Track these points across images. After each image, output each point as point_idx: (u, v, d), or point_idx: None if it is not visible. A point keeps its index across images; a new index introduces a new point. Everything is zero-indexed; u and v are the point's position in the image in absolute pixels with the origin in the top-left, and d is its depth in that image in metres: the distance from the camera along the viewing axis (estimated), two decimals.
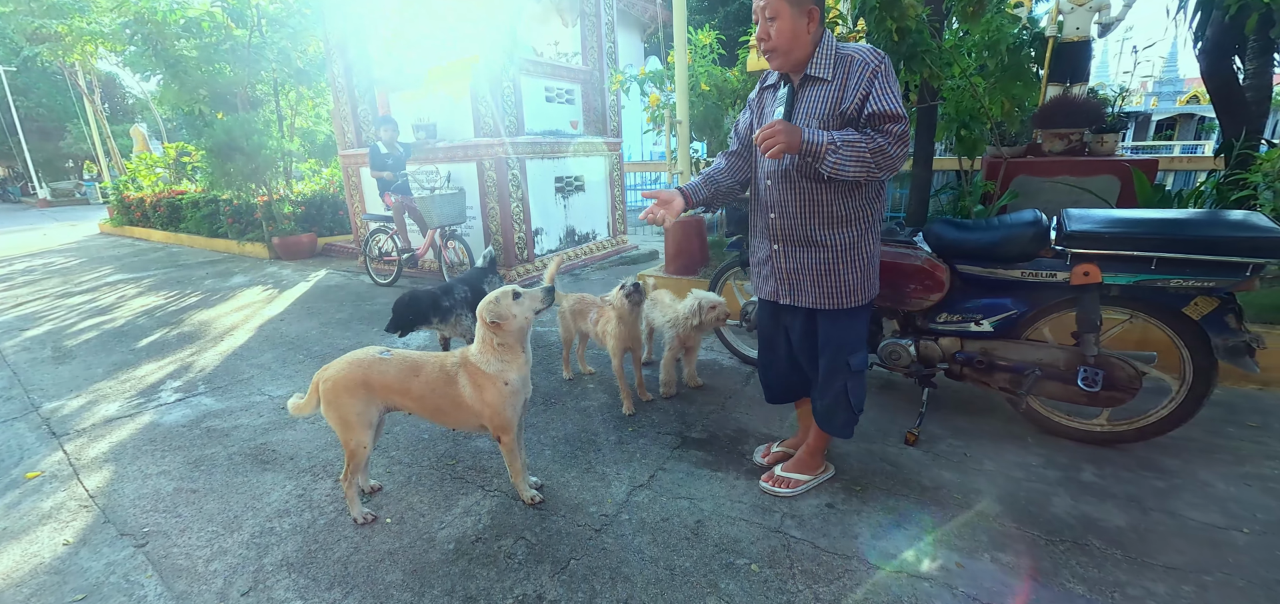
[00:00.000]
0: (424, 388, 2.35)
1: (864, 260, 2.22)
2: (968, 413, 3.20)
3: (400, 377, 2.34)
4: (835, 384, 2.35)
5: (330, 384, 2.30)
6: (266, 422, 3.50)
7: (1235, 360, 2.40)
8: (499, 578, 2.13)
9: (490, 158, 6.16)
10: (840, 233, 2.18)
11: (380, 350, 2.39)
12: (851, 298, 2.24)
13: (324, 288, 6.96)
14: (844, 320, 2.29)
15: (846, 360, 2.31)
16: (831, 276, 2.22)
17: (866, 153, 1.91)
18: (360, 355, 2.37)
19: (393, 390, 2.35)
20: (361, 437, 2.34)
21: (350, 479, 2.43)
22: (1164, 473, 2.61)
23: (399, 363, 2.37)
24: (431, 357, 2.42)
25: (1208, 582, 2.00)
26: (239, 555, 2.34)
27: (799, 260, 2.26)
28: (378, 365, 2.35)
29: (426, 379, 2.36)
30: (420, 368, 2.37)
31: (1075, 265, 2.47)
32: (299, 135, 11.10)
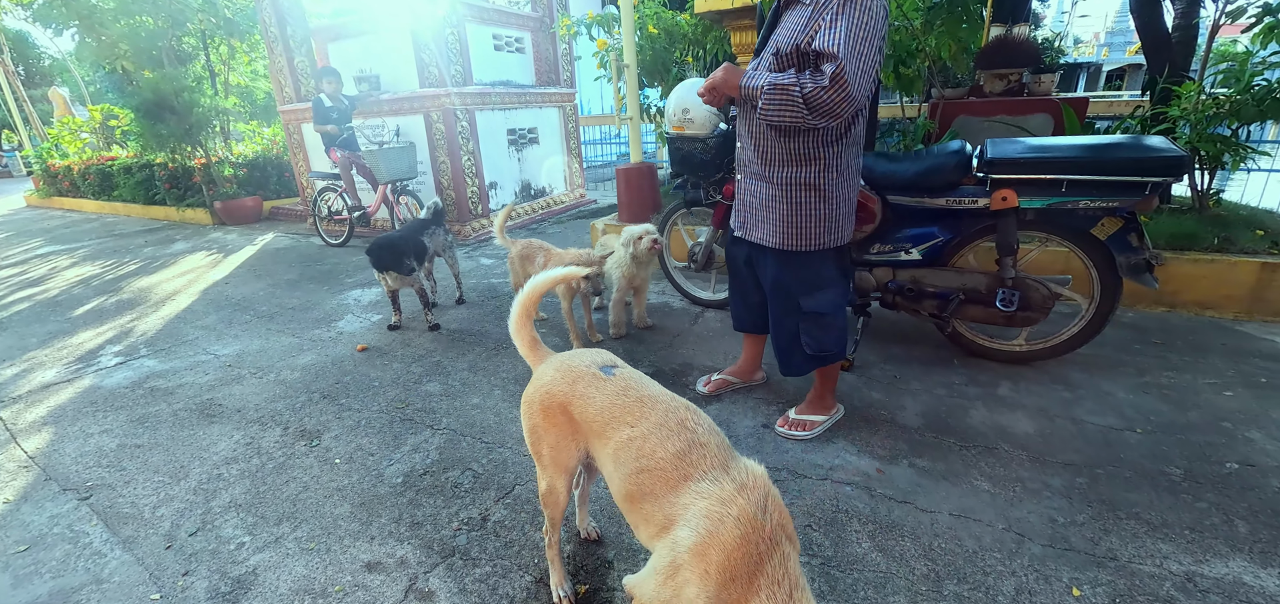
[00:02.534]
0: (640, 450, 1.32)
1: (817, 204, 2.09)
2: (901, 342, 3.38)
3: (613, 410, 1.39)
4: (787, 325, 2.35)
5: (526, 397, 1.59)
6: (212, 379, 3.45)
7: (1137, 277, 2.59)
8: (445, 504, 2.21)
9: (437, 109, 6.02)
10: (791, 172, 2.09)
11: (603, 366, 1.50)
12: (801, 241, 2.15)
13: (272, 251, 6.76)
14: (795, 262, 2.22)
15: (798, 302, 2.27)
16: (780, 216, 2.15)
17: (799, 99, 1.82)
18: (573, 362, 1.53)
19: (594, 428, 1.43)
20: (554, 480, 1.58)
21: (549, 538, 1.72)
22: (1071, 386, 2.83)
23: (622, 389, 1.42)
24: (694, 419, 1.35)
25: (1099, 475, 2.21)
26: (186, 501, 2.35)
27: (753, 194, 2.25)
28: (588, 385, 1.46)
29: (652, 441, 1.31)
30: (651, 406, 1.37)
31: (995, 191, 2.61)
32: (236, 94, 10.55)
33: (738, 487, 1.18)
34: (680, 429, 1.30)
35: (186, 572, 1.99)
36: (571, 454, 1.53)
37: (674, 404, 1.38)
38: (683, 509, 1.20)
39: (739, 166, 2.30)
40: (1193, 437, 2.40)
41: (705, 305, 4.05)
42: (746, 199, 2.29)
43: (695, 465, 1.24)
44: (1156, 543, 1.88)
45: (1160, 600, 1.68)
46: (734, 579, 1.09)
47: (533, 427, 1.56)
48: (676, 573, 1.15)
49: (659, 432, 1.31)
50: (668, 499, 1.24)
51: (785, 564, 1.11)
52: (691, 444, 1.28)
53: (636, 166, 4.78)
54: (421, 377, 3.28)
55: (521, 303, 1.68)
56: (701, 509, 1.17)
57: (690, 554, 1.13)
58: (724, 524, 1.12)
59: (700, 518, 1.15)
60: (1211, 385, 2.78)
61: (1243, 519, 1.96)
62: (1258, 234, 3.73)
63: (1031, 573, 1.78)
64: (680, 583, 1.14)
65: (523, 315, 1.68)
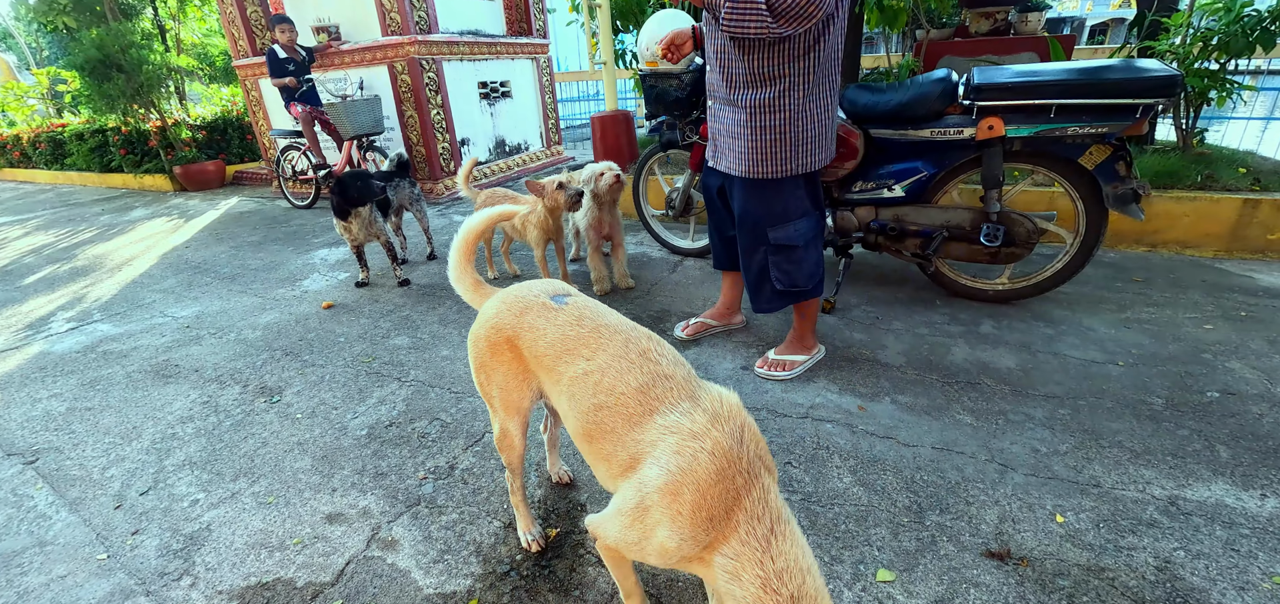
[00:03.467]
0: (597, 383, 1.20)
1: (783, 128, 1.99)
2: (883, 285, 3.32)
3: (566, 342, 1.27)
4: (756, 258, 2.27)
5: (472, 335, 1.45)
6: (169, 341, 3.29)
7: (1123, 208, 2.52)
8: (411, 454, 2.11)
9: (402, 59, 5.74)
10: (756, 94, 1.98)
11: (554, 295, 1.37)
12: (767, 167, 2.05)
13: (235, 214, 6.50)
14: (762, 191, 2.13)
15: (765, 233, 2.18)
16: (745, 141, 2.05)
17: (762, 6, 1.70)
18: (521, 293, 1.40)
19: (545, 363, 1.31)
20: (506, 424, 1.48)
21: (511, 484, 1.64)
22: (1053, 322, 2.79)
23: (576, 319, 1.29)
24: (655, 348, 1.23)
25: (1081, 405, 2.17)
26: (138, 461, 2.23)
27: (721, 121, 2.14)
28: (538, 316, 1.33)
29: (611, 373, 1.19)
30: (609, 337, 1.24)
31: (981, 120, 2.51)
32: (191, 55, 10.02)
33: (710, 418, 1.08)
34: (642, 360, 1.18)
35: (136, 530, 1.88)
36: (523, 394, 1.41)
37: (634, 333, 1.25)
38: (649, 446, 1.09)
39: (709, 93, 2.18)
40: (1174, 368, 2.38)
41: (684, 254, 3.95)
42: (716, 126, 2.18)
43: (660, 398, 1.13)
44: (1139, 469, 1.85)
45: (1144, 524, 1.64)
46: (711, 519, 1.00)
47: (480, 365, 1.43)
48: (645, 514, 1.05)
49: (618, 364, 1.18)
50: (630, 436, 1.12)
51: (765, 498, 1.02)
52: (655, 376, 1.16)
53: (612, 114, 4.61)
54: (389, 331, 3.15)
55: (460, 243, 1.53)
56: (671, 445, 1.06)
57: (660, 494, 1.03)
58: (697, 460, 1.02)
59: (670, 454, 1.05)
60: (1192, 319, 2.76)
61: (1224, 445, 1.94)
62: (1240, 172, 3.71)
63: (1015, 501, 1.74)
64: (650, 525, 1.05)
65: (463, 257, 1.55)
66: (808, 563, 0.99)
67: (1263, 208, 3.41)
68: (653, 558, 1.08)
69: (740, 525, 1.00)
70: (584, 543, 1.69)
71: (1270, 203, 3.40)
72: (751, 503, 1.01)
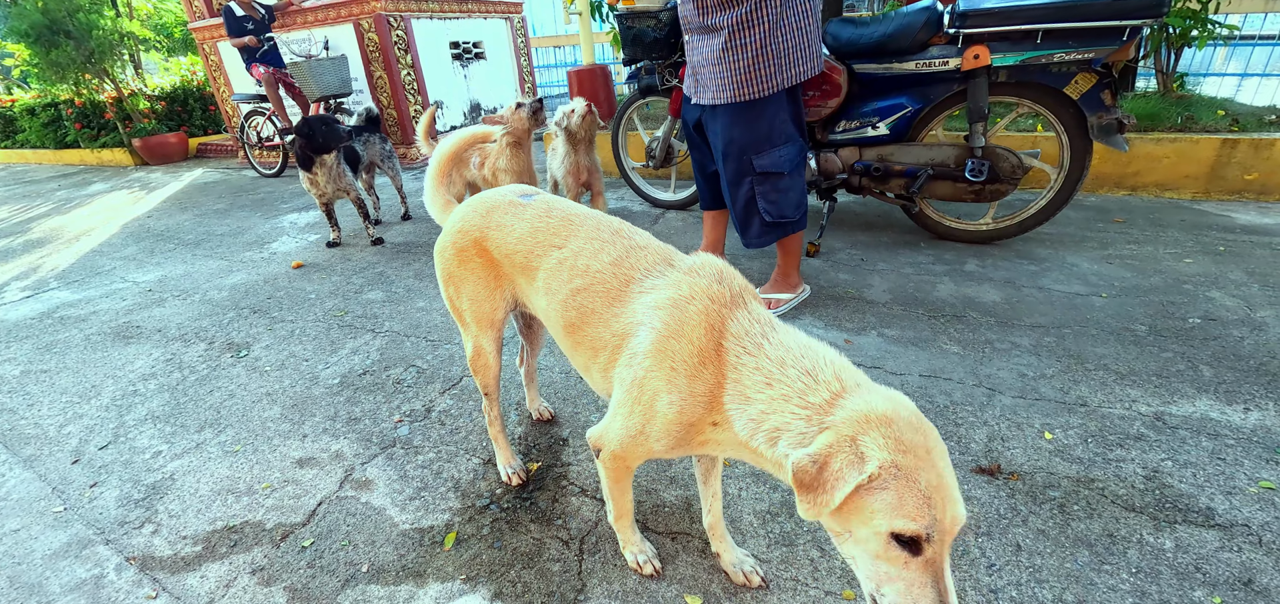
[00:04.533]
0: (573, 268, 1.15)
1: (764, 42, 1.94)
2: (866, 229, 3.28)
3: (536, 235, 1.22)
4: (742, 189, 2.20)
5: (438, 246, 1.37)
6: (130, 304, 3.14)
7: (1108, 138, 2.50)
8: (386, 400, 2.03)
9: (367, 16, 5.51)
10: (731, 14, 1.93)
11: (521, 194, 1.31)
12: (751, 87, 2.00)
13: (200, 185, 6.26)
14: (746, 115, 2.07)
15: (751, 160, 2.12)
16: (727, 64, 1.99)
17: None
18: (487, 196, 1.34)
19: (516, 260, 1.24)
20: (479, 339, 1.40)
21: (489, 415, 1.57)
22: (1037, 260, 2.78)
23: (545, 211, 1.24)
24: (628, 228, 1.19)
25: (1066, 333, 2.17)
26: (97, 418, 2.12)
27: (699, 51, 2.08)
28: (505, 214, 1.27)
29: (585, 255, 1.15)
30: (579, 223, 1.20)
31: (966, 48, 2.46)
32: (146, 24, 9.58)
33: (687, 271, 1.04)
34: (615, 237, 1.14)
35: (95, 483, 1.78)
36: (495, 304, 1.34)
37: (604, 218, 1.21)
38: (631, 317, 1.04)
39: (684, 26, 2.11)
40: (1156, 298, 2.38)
41: (666, 207, 3.87)
42: (695, 59, 2.12)
43: (635, 266, 1.08)
44: (1125, 389, 1.84)
45: (1131, 438, 1.64)
46: (704, 362, 0.94)
47: (448, 276, 1.36)
48: (643, 388, 0.99)
49: (591, 244, 1.14)
50: (612, 313, 1.07)
51: (751, 313, 0.96)
52: (628, 248, 1.11)
53: (589, 68, 4.48)
54: (363, 287, 3.04)
55: (437, 163, 1.49)
56: (650, 302, 1.01)
57: (651, 356, 0.97)
58: (679, 308, 0.97)
59: (651, 312, 1.00)
60: (1172, 254, 2.77)
61: (1207, 365, 1.94)
62: (1218, 114, 3.72)
63: (1003, 422, 1.72)
64: (649, 396, 0.98)
65: (439, 176, 1.50)
66: (807, 341, 0.93)
67: (1240, 147, 3.43)
68: (662, 442, 1.00)
69: (728, 353, 0.93)
70: (567, 475, 1.64)
71: (1248, 143, 3.41)
72: (737, 324, 0.95)
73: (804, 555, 1.34)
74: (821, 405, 0.83)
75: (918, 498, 0.72)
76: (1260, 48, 6.31)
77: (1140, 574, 1.26)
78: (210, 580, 1.40)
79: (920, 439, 0.76)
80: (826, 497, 0.75)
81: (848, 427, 0.77)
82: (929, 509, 0.72)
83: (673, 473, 1.60)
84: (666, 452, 1.03)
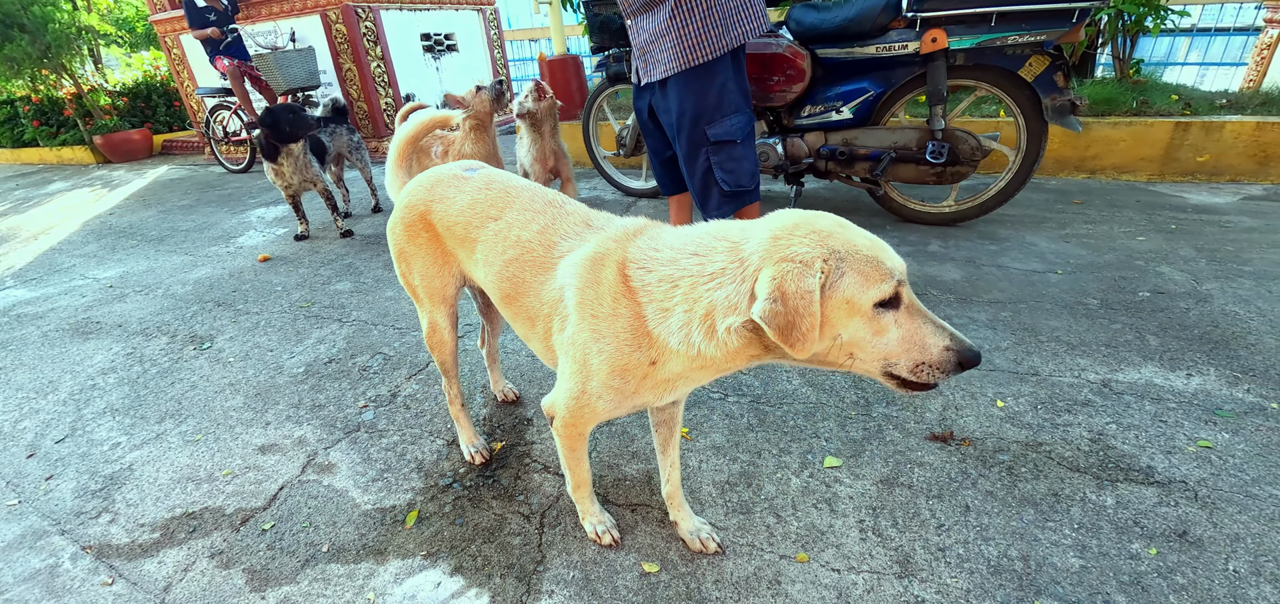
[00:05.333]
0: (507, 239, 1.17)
1: (707, 3, 1.97)
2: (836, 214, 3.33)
3: (475, 208, 1.23)
4: (698, 161, 2.20)
5: (389, 223, 1.39)
6: (90, 301, 3.07)
7: (1062, 119, 2.57)
8: (351, 387, 2.02)
9: (335, 7, 5.42)
10: None
11: (466, 168, 1.33)
12: (700, 51, 2.02)
13: (165, 182, 6.11)
14: (694, 83, 2.08)
15: (704, 131, 2.14)
16: (674, 33, 2.01)
17: None
18: (435, 171, 1.35)
19: (456, 232, 1.26)
20: (433, 315, 1.42)
21: (449, 394, 1.58)
22: (997, 240, 2.85)
23: (485, 184, 1.26)
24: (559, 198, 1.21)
25: (1022, 308, 2.23)
26: (54, 412, 2.08)
27: (645, 31, 2.09)
28: (449, 187, 1.29)
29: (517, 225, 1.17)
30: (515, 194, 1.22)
31: (924, 32, 2.51)
32: (107, 18, 9.31)
33: (599, 228, 1.07)
34: (546, 207, 1.16)
35: (51, 476, 1.75)
36: (445, 279, 1.35)
37: (540, 190, 1.22)
38: (555, 282, 1.05)
39: (625, 11, 2.11)
40: (1109, 273, 2.46)
41: (637, 195, 3.89)
42: (641, 39, 2.13)
43: (558, 232, 1.10)
44: (1075, 359, 1.91)
45: (1079, 404, 1.70)
46: (617, 300, 0.94)
47: (400, 252, 1.37)
48: (574, 345, 1.00)
49: (523, 215, 1.16)
50: (539, 281, 1.08)
51: (645, 237, 0.97)
52: (556, 216, 1.13)
53: (560, 58, 4.47)
54: (330, 278, 3.01)
55: (398, 147, 1.47)
56: (568, 264, 1.03)
57: (575, 313, 0.99)
58: (590, 261, 0.98)
59: (569, 272, 1.02)
60: (1126, 233, 2.86)
61: (1154, 335, 2.02)
62: (1172, 98, 3.84)
63: (958, 392, 1.77)
64: (582, 354, 0.99)
65: (400, 161, 1.48)
66: (687, 230, 0.94)
67: (1193, 130, 3.54)
68: (605, 399, 1.00)
69: (633, 278, 0.93)
70: (530, 453, 1.65)
71: (1200, 126, 3.53)
72: (634, 252, 0.95)
73: (760, 522, 1.37)
74: (730, 265, 0.83)
75: (869, 263, 0.76)
76: (1217, 39, 6.53)
77: (1082, 529, 1.31)
78: (167, 565, 1.39)
79: (828, 223, 0.80)
80: (808, 318, 0.75)
81: (771, 255, 0.78)
82: (883, 264, 0.77)
83: (635, 448, 1.63)
84: (614, 408, 1.03)
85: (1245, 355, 1.88)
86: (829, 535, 1.32)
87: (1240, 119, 3.49)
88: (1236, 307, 2.16)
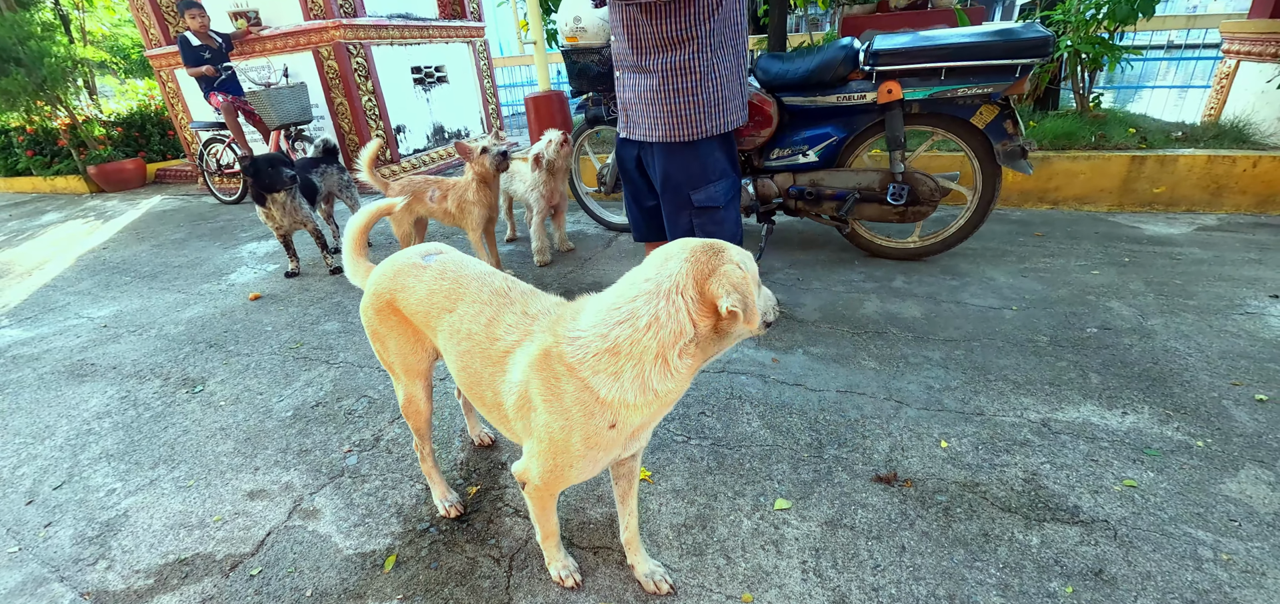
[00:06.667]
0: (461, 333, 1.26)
1: (697, 88, 2.06)
2: (806, 248, 3.47)
3: (432, 298, 1.32)
4: (680, 222, 2.33)
5: (361, 307, 1.49)
6: (85, 341, 3.16)
7: (1013, 163, 2.72)
8: (336, 430, 2.12)
9: (327, 44, 5.57)
10: (667, 57, 2.04)
11: (425, 255, 1.40)
12: (685, 129, 2.12)
13: (158, 213, 6.21)
14: (682, 154, 2.19)
15: (688, 196, 2.25)
16: (660, 106, 2.11)
17: None
18: (398, 257, 1.43)
19: (419, 318, 1.37)
20: (410, 388, 1.52)
21: (421, 452, 1.67)
22: (959, 275, 2.99)
23: (439, 274, 1.34)
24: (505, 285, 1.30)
25: (975, 346, 2.36)
26: (51, 458, 2.17)
27: (632, 89, 2.19)
28: (409, 276, 1.37)
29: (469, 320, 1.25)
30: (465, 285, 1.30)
31: (881, 84, 2.66)
32: (102, 47, 9.43)
33: (533, 320, 1.17)
34: (492, 298, 1.24)
35: (49, 523, 1.84)
36: (420, 355, 1.45)
37: (490, 278, 1.29)
38: (510, 378, 1.15)
39: (616, 63, 2.23)
40: (1061, 309, 2.59)
41: (618, 229, 4.02)
42: (627, 96, 2.23)
43: (503, 325, 1.18)
44: (1019, 398, 2.03)
45: (1017, 444, 1.81)
46: (567, 385, 1.05)
47: (373, 333, 1.47)
48: (547, 432, 1.10)
49: (473, 308, 1.24)
50: (491, 374, 1.18)
51: (569, 314, 1.10)
52: (499, 308, 1.21)
53: (545, 94, 4.62)
54: (319, 318, 3.12)
55: (352, 236, 1.55)
56: (522, 364, 1.12)
57: (542, 404, 1.09)
58: (540, 362, 1.08)
59: (526, 372, 1.11)
60: (1081, 266, 3.00)
61: (1096, 372, 2.14)
62: (1130, 132, 4.01)
63: (906, 432, 1.89)
64: (553, 439, 1.10)
65: (356, 248, 1.56)
66: (601, 295, 1.08)
67: (1148, 163, 3.71)
68: (578, 469, 1.13)
69: (569, 356, 1.05)
70: (503, 497, 1.75)
71: (1154, 159, 3.70)
72: (566, 331, 1.08)
73: (711, 563, 1.48)
74: (659, 308, 0.98)
75: (743, 254, 1.04)
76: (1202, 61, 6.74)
77: (1006, 569, 1.43)
78: None
79: (706, 238, 1.05)
80: (751, 294, 0.99)
81: (700, 272, 0.99)
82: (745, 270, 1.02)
83: (600, 492, 1.73)
84: (586, 473, 1.16)
85: (1179, 393, 2.00)
86: (773, 576, 1.43)
87: (1193, 152, 3.67)
88: (1177, 342, 2.29)
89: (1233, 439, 1.78)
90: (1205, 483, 1.63)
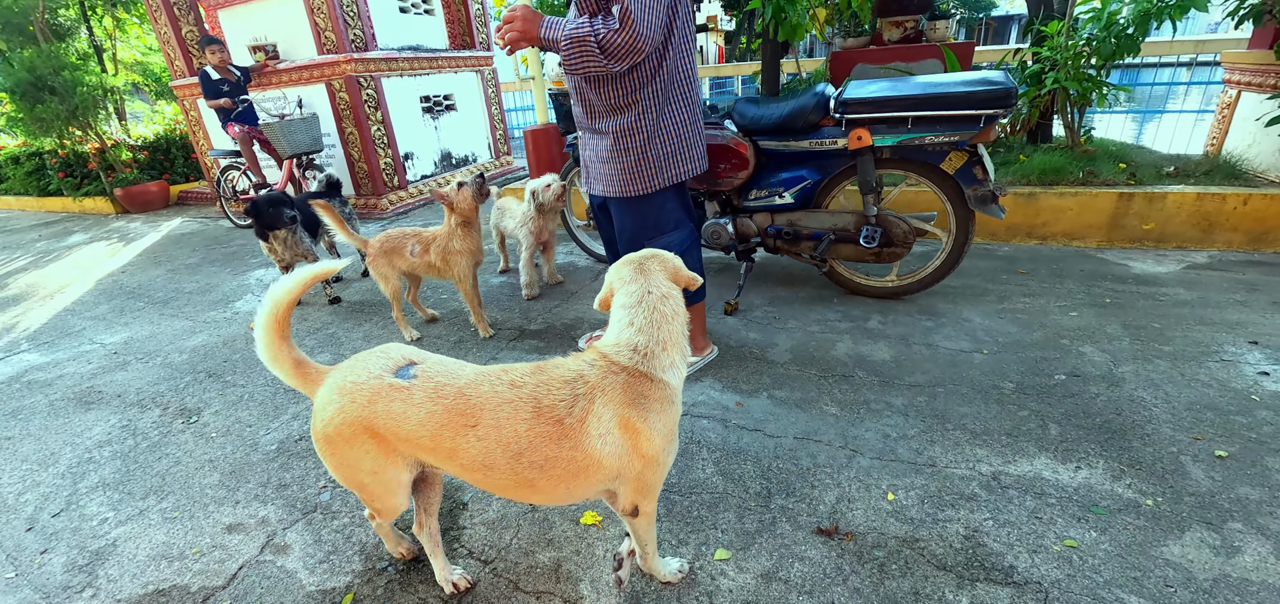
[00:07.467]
0: (500, 443, 1.25)
1: (646, 147, 2.13)
2: (786, 285, 3.52)
3: (438, 423, 1.25)
4: None
5: (317, 436, 1.34)
6: (95, 367, 3.33)
7: (984, 208, 2.76)
8: (315, 464, 2.23)
9: (338, 77, 5.79)
10: (616, 121, 2.14)
11: (397, 371, 1.30)
12: (636, 185, 2.19)
13: (176, 236, 6.47)
14: (637, 208, 2.27)
15: (645, 245, 2.30)
16: (613, 164, 2.20)
17: (594, 46, 1.84)
18: (358, 379, 1.29)
19: (423, 447, 1.29)
20: (386, 501, 1.41)
21: (377, 523, 1.63)
22: (935, 315, 3.02)
23: (433, 394, 1.26)
24: (518, 372, 1.31)
25: (938, 392, 2.39)
26: (53, 485, 2.31)
27: (590, 149, 2.31)
28: (391, 401, 1.26)
29: (506, 426, 1.24)
30: (475, 393, 1.27)
31: (851, 131, 2.73)
32: (135, 72, 9.86)
33: (581, 376, 1.31)
34: (514, 390, 1.27)
35: (45, 550, 1.97)
36: (399, 469, 1.34)
37: (494, 377, 1.29)
38: (591, 435, 1.26)
39: (577, 123, 2.35)
40: (1032, 353, 2.61)
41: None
42: (587, 155, 2.35)
43: (553, 399, 1.26)
44: (974, 448, 2.05)
45: (964, 498, 1.84)
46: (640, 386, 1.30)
47: (340, 463, 1.32)
48: (656, 448, 1.32)
49: (504, 411, 1.24)
50: (565, 448, 1.26)
51: (604, 339, 1.36)
52: (536, 391, 1.27)
53: (543, 128, 4.75)
54: (314, 349, 3.25)
55: (272, 316, 1.33)
56: (607, 418, 1.27)
57: (646, 429, 1.29)
58: (625, 388, 1.28)
59: (612, 419, 1.27)
60: (1061, 307, 3.01)
61: (1056, 423, 2.15)
62: (1119, 167, 4.01)
63: (855, 483, 1.93)
64: (659, 451, 1.33)
65: (275, 334, 1.34)
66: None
67: (1136, 200, 3.71)
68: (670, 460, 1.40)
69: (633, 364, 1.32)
70: (460, 538, 1.84)
71: (1143, 195, 3.70)
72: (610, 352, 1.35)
73: None
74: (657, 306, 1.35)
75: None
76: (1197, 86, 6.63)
77: None
78: None
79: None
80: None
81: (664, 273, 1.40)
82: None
83: (552, 535, 1.81)
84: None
85: (1137, 446, 2.00)
86: None
87: (1182, 189, 3.66)
88: (1145, 391, 2.29)
89: (1184, 498, 1.78)
90: (1147, 545, 1.63)
